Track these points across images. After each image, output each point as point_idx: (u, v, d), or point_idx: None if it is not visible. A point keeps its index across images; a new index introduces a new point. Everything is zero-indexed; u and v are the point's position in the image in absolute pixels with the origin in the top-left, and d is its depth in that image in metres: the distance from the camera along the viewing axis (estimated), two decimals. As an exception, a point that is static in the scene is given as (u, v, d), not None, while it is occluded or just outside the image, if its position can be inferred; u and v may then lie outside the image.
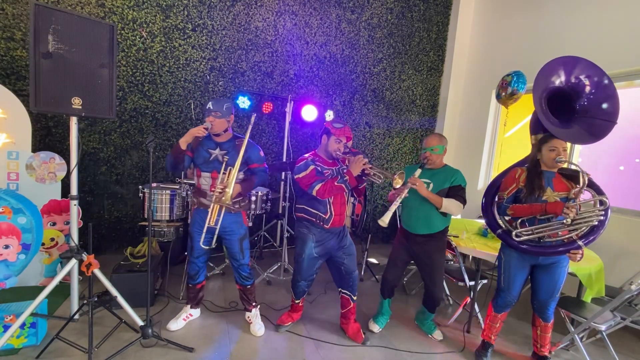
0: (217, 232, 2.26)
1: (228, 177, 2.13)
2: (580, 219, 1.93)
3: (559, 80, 2.07)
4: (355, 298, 2.44)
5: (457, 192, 2.26)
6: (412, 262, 2.52)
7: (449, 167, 2.39)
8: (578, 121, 2.06)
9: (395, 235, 2.57)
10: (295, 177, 2.21)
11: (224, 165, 2.19)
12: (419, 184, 2.20)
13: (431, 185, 2.31)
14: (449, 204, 2.23)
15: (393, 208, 2.09)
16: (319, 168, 2.21)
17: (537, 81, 2.05)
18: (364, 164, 2.07)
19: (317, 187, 2.11)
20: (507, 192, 2.12)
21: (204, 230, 2.23)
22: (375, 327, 2.58)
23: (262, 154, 2.33)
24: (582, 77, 2.05)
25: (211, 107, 2.14)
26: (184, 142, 2.11)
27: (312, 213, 2.26)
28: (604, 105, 2.01)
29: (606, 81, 2.02)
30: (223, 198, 2.09)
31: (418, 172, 2.26)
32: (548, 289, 2.13)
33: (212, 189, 2.19)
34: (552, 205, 1.94)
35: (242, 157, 2.18)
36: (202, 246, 2.28)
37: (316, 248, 2.30)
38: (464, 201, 2.25)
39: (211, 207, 2.19)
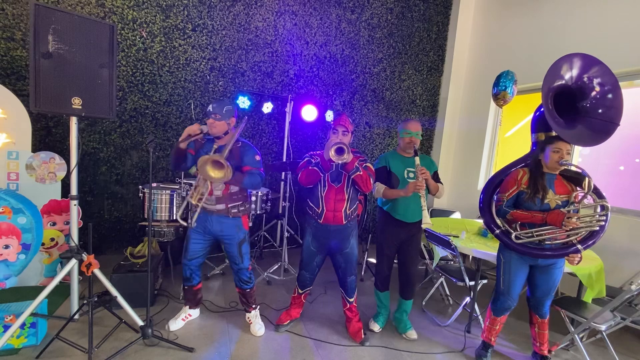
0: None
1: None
2: (582, 223, 1.93)
3: (568, 76, 2.01)
4: (351, 300, 2.46)
5: (437, 176, 2.47)
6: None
7: (421, 154, 2.49)
8: (581, 122, 2.03)
9: (380, 228, 2.54)
10: None
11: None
12: (427, 173, 2.23)
13: None
14: (440, 188, 2.42)
15: (425, 205, 2.16)
16: (312, 160, 2.28)
17: (546, 78, 1.99)
18: (335, 145, 2.06)
19: (299, 174, 2.25)
20: (508, 194, 2.10)
21: (183, 204, 2.20)
22: (376, 327, 2.58)
23: (258, 158, 2.26)
24: (592, 78, 1.99)
25: (211, 110, 2.13)
26: (182, 143, 2.10)
27: (310, 206, 2.36)
28: (606, 108, 1.97)
29: (614, 87, 1.97)
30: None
31: (418, 159, 2.27)
32: (545, 288, 2.14)
33: (210, 194, 2.20)
34: (553, 216, 1.94)
35: (238, 159, 2.19)
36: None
37: (313, 242, 2.37)
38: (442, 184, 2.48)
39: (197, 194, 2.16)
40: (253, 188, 2.24)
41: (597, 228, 1.92)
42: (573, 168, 2.01)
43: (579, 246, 1.93)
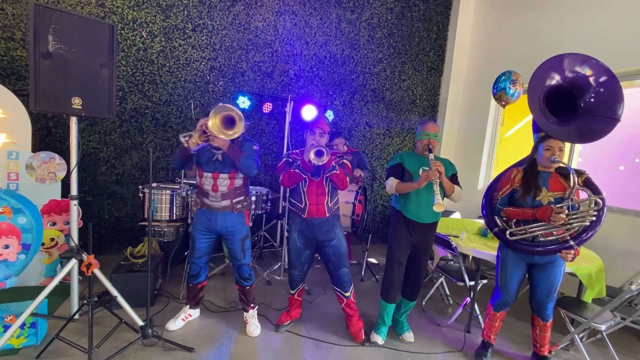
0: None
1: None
2: (573, 219, 1.92)
3: (558, 77, 2.04)
4: (347, 294, 2.43)
5: (456, 179, 2.35)
6: None
7: (437, 156, 2.41)
8: (578, 119, 2.04)
9: (392, 231, 2.42)
10: None
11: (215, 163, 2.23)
12: (442, 166, 2.12)
13: None
14: (457, 190, 2.28)
15: (437, 190, 2.04)
16: (290, 159, 2.34)
17: (534, 79, 2.03)
18: (315, 148, 2.14)
19: (281, 177, 2.31)
20: (502, 192, 2.14)
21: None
22: (379, 339, 2.43)
23: (255, 147, 2.31)
24: (584, 73, 2.00)
25: None
26: (193, 144, 2.07)
27: (293, 203, 2.40)
28: (609, 103, 1.97)
29: (610, 78, 1.97)
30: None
31: (432, 155, 2.19)
32: (545, 288, 2.13)
33: (216, 190, 2.23)
34: (541, 212, 1.96)
35: (238, 148, 2.22)
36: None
37: (299, 238, 2.40)
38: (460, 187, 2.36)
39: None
40: (249, 171, 2.22)
41: (589, 223, 1.91)
42: (562, 165, 2.02)
43: (572, 242, 1.92)
